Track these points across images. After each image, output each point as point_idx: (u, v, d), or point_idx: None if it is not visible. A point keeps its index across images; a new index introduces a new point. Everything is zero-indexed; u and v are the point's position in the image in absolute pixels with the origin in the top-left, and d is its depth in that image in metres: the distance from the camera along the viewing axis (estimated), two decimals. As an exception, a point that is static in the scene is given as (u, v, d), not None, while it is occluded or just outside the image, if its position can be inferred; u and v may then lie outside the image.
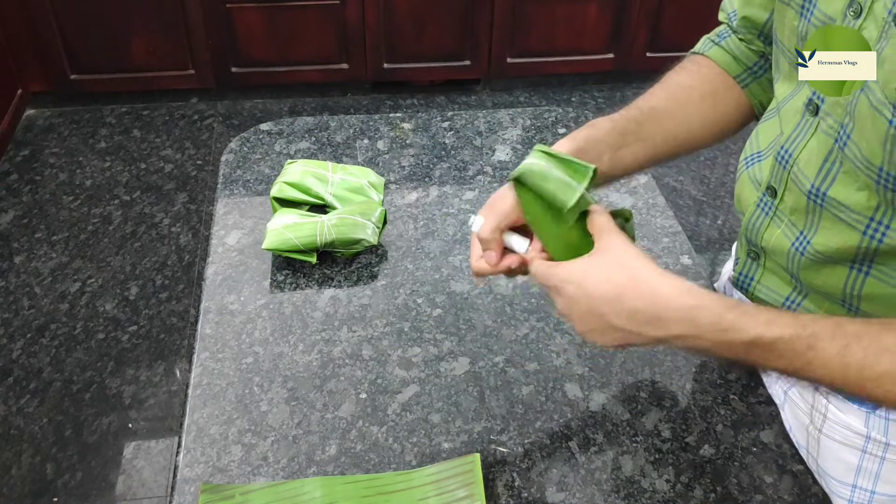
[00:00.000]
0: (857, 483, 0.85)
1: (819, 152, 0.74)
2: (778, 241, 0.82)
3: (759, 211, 0.84)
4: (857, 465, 0.84)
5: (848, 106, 0.68)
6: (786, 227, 0.81)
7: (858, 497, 0.85)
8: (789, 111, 0.80)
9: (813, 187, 0.74)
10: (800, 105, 0.77)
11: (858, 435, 0.83)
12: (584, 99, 3.27)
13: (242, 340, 1.01)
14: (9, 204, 2.63)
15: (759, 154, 0.86)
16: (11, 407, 1.98)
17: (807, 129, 0.76)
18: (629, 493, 0.84)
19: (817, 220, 0.76)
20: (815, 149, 0.74)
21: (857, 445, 0.83)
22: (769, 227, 0.83)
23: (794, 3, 0.76)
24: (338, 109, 3.13)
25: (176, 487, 0.84)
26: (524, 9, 3.00)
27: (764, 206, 0.83)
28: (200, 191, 2.71)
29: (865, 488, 0.84)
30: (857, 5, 0.67)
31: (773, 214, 0.82)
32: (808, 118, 0.76)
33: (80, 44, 2.91)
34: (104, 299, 2.29)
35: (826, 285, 0.78)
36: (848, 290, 0.77)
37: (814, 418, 0.87)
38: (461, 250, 1.15)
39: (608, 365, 0.99)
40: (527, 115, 1.47)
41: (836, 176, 0.72)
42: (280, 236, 1.09)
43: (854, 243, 0.72)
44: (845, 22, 0.68)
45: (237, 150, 1.35)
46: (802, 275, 0.80)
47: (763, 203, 0.83)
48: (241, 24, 2.92)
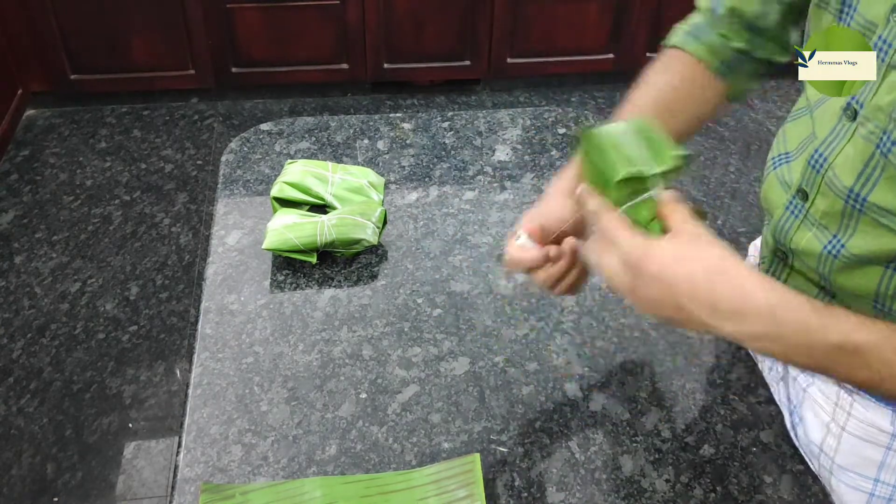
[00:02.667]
0: (881, 478, 0.85)
1: (858, 157, 0.72)
2: (809, 244, 0.81)
3: (789, 213, 0.83)
4: (880, 461, 0.84)
5: (893, 113, 0.67)
6: (817, 231, 0.79)
7: (881, 491, 0.85)
8: (824, 114, 0.79)
9: (852, 192, 0.73)
10: (836, 108, 0.76)
11: (884, 433, 0.83)
12: (584, 99, 3.27)
13: (242, 340, 1.01)
14: (9, 204, 2.63)
15: (787, 155, 0.85)
16: (11, 407, 1.99)
17: (844, 133, 0.75)
18: (629, 493, 0.84)
19: (854, 224, 0.75)
20: (853, 154, 0.73)
21: (882, 443, 0.83)
22: (799, 230, 0.82)
23: (832, 7, 0.75)
24: (338, 109, 3.13)
25: (176, 487, 0.84)
26: (524, 9, 3.00)
27: (794, 209, 0.82)
28: (200, 191, 2.71)
29: (889, 483, 0.84)
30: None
31: (804, 218, 0.81)
32: (846, 123, 0.74)
33: (80, 44, 2.91)
34: (104, 299, 2.29)
35: (858, 287, 0.77)
36: (882, 290, 0.76)
37: (836, 416, 0.87)
38: (461, 250, 1.15)
39: (608, 365, 0.99)
40: (527, 115, 1.47)
41: (878, 181, 0.70)
42: (280, 236, 1.09)
43: (894, 247, 0.71)
44: (888, 27, 0.67)
45: (237, 150, 1.35)
46: (833, 277, 0.79)
47: (793, 206, 0.82)
48: (242, 24, 2.92)
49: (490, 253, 1.15)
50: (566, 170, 0.87)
